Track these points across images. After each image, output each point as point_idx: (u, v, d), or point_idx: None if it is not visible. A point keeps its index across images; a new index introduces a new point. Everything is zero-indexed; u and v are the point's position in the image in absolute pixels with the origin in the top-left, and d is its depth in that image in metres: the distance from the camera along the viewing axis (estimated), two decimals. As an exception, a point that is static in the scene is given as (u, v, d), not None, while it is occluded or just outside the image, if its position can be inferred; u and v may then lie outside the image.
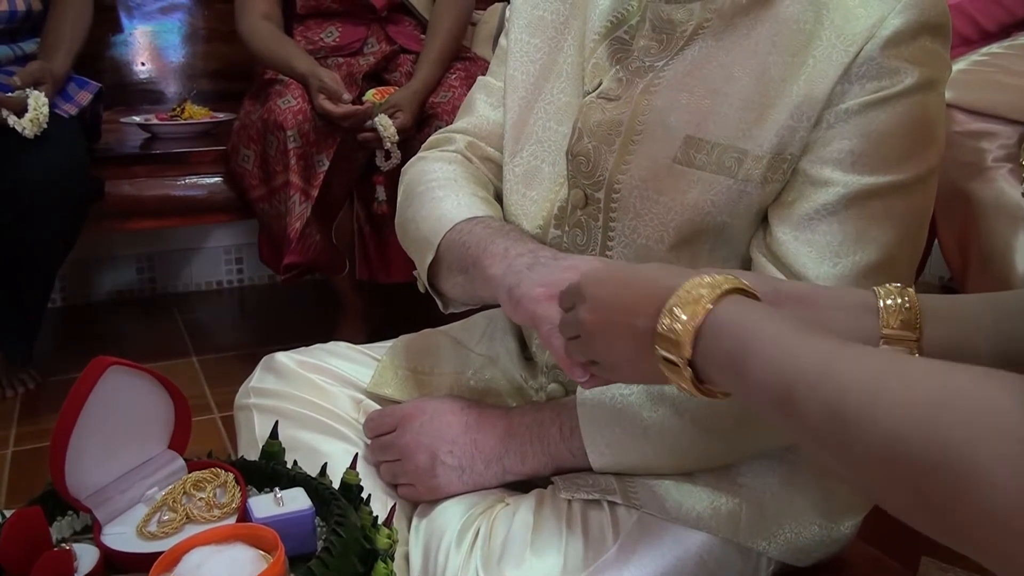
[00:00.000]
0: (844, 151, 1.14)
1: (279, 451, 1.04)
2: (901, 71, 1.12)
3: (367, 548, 0.88)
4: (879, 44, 1.11)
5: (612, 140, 1.24)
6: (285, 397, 1.36)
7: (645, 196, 1.21)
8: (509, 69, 1.40)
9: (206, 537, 0.85)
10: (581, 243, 1.28)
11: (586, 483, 1.20)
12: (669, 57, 1.23)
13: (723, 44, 1.21)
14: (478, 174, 1.43)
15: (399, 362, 1.44)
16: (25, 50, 2.47)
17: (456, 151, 1.45)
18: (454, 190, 1.35)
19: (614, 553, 1.15)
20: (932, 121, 1.18)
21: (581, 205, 1.27)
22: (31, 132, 2.12)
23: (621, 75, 1.26)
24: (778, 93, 1.16)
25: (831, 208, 1.15)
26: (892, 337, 0.97)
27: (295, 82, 2.49)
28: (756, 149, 1.16)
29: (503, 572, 1.12)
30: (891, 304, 0.98)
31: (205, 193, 2.68)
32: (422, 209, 1.36)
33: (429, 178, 1.39)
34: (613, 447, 1.20)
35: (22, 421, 2.34)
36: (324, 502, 0.93)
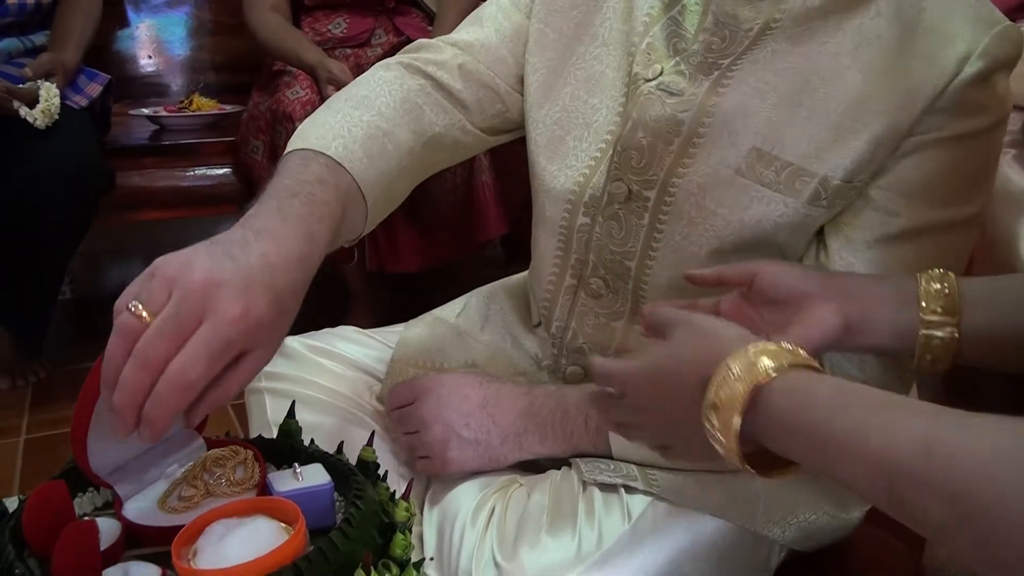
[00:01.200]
0: (916, 184, 1.11)
1: (296, 430, 1.06)
2: (982, 111, 1.09)
3: (385, 521, 0.89)
4: (967, 80, 1.07)
5: (671, 139, 1.18)
6: (296, 381, 1.37)
7: (702, 205, 1.17)
8: (538, 23, 1.32)
9: (228, 510, 0.86)
10: (618, 236, 1.25)
11: (608, 467, 1.21)
12: (736, 56, 1.17)
13: (799, 49, 1.14)
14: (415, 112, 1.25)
15: (410, 358, 1.44)
16: (35, 42, 2.48)
17: (430, 76, 1.30)
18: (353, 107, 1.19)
19: (628, 535, 1.15)
20: (996, 156, 1.16)
21: (622, 200, 1.23)
22: (43, 123, 2.13)
23: (684, 68, 1.19)
24: (860, 117, 1.11)
25: (892, 238, 1.13)
26: (933, 323, 0.98)
27: (304, 73, 2.50)
28: (829, 174, 1.12)
29: (519, 552, 1.12)
30: (932, 289, 0.99)
31: (214, 184, 2.69)
32: (328, 106, 1.21)
33: (344, 92, 1.25)
34: (640, 452, 1.21)
35: (33, 410, 2.36)
36: (342, 477, 0.94)
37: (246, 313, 0.86)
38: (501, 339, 1.45)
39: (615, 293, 1.28)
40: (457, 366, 1.42)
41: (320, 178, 1.05)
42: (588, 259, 1.29)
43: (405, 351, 1.45)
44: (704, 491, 1.19)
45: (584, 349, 1.33)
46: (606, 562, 1.13)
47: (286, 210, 0.98)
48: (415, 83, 1.28)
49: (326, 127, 1.14)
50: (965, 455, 0.62)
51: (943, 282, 1.00)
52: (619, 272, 1.26)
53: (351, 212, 1.10)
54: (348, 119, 1.16)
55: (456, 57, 1.31)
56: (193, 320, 0.84)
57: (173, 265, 0.87)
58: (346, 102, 1.21)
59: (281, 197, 1.00)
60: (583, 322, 1.33)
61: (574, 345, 1.34)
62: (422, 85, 1.28)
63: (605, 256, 1.27)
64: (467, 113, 1.32)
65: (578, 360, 1.35)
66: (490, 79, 1.33)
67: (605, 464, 1.21)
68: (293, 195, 1.00)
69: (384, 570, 0.82)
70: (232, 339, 0.86)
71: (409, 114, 1.24)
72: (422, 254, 2.62)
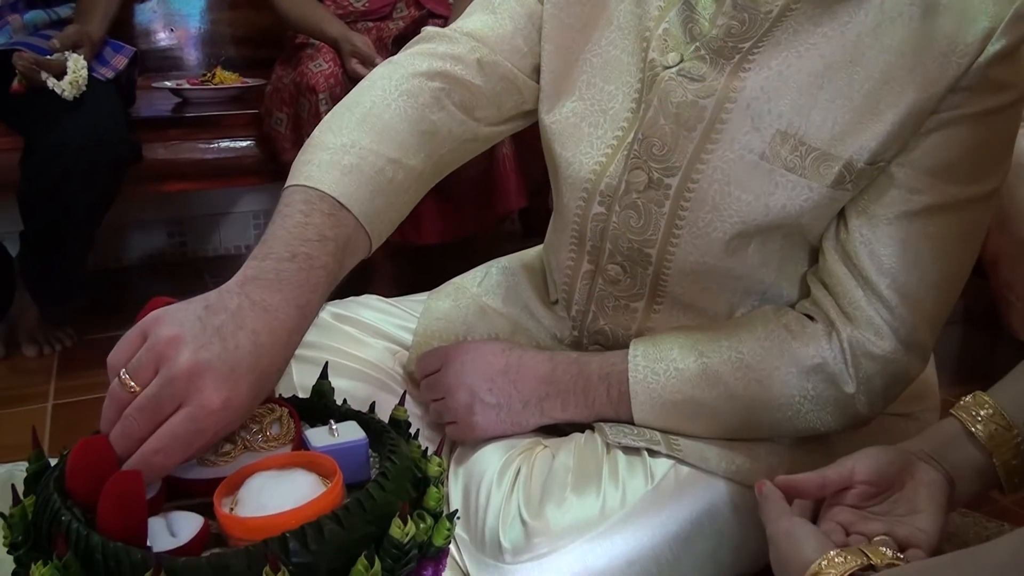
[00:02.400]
0: (940, 161, 1.12)
1: (329, 390, 1.08)
2: (1005, 88, 1.10)
3: (419, 476, 0.92)
4: (990, 59, 1.08)
5: (693, 125, 1.18)
6: (321, 348, 1.39)
7: (726, 191, 1.18)
8: (553, 8, 1.29)
9: (267, 463, 0.89)
10: (637, 225, 1.24)
11: (632, 432, 1.23)
12: (756, 39, 1.16)
13: (820, 30, 1.14)
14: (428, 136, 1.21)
15: (433, 332, 1.45)
16: (60, 15, 2.49)
17: (448, 74, 1.26)
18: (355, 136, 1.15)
19: (650, 495, 1.18)
20: (1016, 130, 1.17)
21: (641, 188, 1.23)
22: (70, 94, 2.15)
23: (704, 53, 1.18)
24: (884, 97, 1.11)
25: (914, 214, 1.14)
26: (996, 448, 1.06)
27: (326, 46, 2.52)
28: (855, 157, 1.13)
29: (544, 510, 1.15)
30: (983, 432, 1.06)
31: (237, 157, 2.71)
32: (321, 126, 1.20)
33: (357, 100, 1.22)
34: (663, 423, 1.24)
35: (60, 376, 2.39)
36: (376, 434, 0.96)
37: (226, 404, 0.88)
38: (520, 313, 1.46)
39: (633, 279, 1.30)
40: (480, 339, 1.43)
41: (321, 234, 1.04)
42: (604, 247, 1.29)
43: (429, 325, 1.47)
44: (725, 456, 1.22)
45: (605, 331, 1.35)
46: (629, 521, 1.16)
47: (283, 276, 0.97)
48: (429, 94, 1.23)
49: (332, 157, 1.11)
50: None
51: (983, 409, 1.06)
52: (638, 259, 1.27)
53: (351, 257, 1.10)
54: (357, 147, 1.13)
55: (474, 51, 1.28)
56: (172, 404, 0.87)
57: (163, 339, 0.88)
58: (357, 121, 1.17)
59: (280, 257, 0.99)
60: (603, 305, 1.34)
61: (595, 327, 1.36)
62: (436, 95, 1.23)
63: (622, 244, 1.27)
64: (483, 112, 1.29)
65: (598, 339, 1.37)
66: (508, 71, 1.30)
67: (629, 428, 1.24)
68: (292, 256, 1.00)
69: (419, 520, 0.85)
70: (206, 429, 0.88)
71: (422, 137, 1.20)
72: (443, 227, 2.64)
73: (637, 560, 1.16)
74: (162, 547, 0.80)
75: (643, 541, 1.16)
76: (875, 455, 1.05)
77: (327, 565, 0.78)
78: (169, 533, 0.83)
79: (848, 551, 0.92)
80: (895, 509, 1.04)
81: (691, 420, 1.23)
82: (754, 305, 1.28)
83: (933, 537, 1.01)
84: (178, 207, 3.42)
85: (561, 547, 1.14)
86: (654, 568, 1.17)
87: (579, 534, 1.15)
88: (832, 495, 1.06)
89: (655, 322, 1.32)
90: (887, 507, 1.04)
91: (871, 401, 1.20)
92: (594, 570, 1.14)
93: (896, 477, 1.04)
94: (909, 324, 1.16)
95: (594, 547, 1.15)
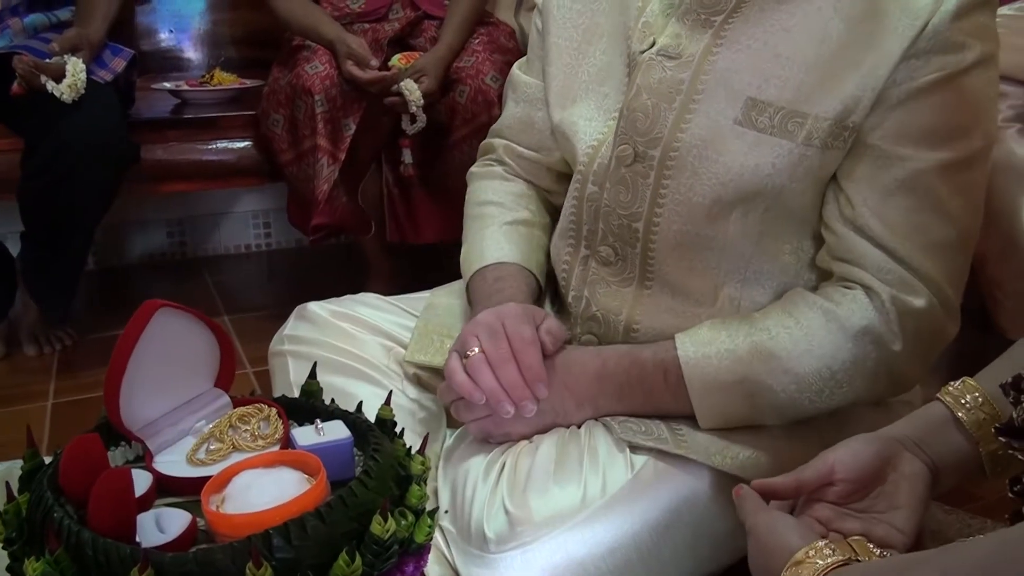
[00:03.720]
0: (918, 128, 1.18)
1: (317, 390, 1.10)
2: (966, 46, 1.16)
3: (402, 473, 0.94)
4: (945, 19, 1.14)
5: (672, 98, 1.27)
6: (318, 344, 1.42)
7: (704, 156, 1.25)
8: (552, 36, 1.44)
9: (254, 462, 0.91)
10: (625, 200, 1.31)
11: (640, 430, 1.25)
12: (727, 13, 1.26)
13: (785, 6, 1.23)
14: (515, 188, 1.55)
15: (433, 327, 1.48)
16: (60, 18, 2.51)
17: (497, 159, 1.59)
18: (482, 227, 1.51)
19: (630, 485, 1.21)
20: (992, 94, 1.22)
21: (628, 162, 1.30)
22: (69, 97, 2.17)
23: (679, 30, 1.28)
24: (841, 60, 1.19)
25: (909, 183, 1.19)
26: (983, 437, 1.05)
27: (323, 48, 2.53)
28: (819, 113, 1.19)
29: (528, 500, 1.18)
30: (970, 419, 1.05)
31: (235, 157, 2.72)
32: (470, 237, 1.52)
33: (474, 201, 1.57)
34: (722, 407, 1.26)
35: (60, 376, 2.41)
36: (361, 433, 0.98)
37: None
38: None
39: (623, 260, 1.34)
40: None
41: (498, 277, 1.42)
42: (597, 228, 1.35)
43: (430, 318, 1.50)
44: (729, 451, 1.25)
45: (598, 317, 1.38)
46: (610, 508, 1.19)
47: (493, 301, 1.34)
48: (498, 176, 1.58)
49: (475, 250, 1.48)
50: None
51: (969, 394, 1.06)
52: (627, 237, 1.32)
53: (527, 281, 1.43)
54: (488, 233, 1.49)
55: (501, 145, 1.59)
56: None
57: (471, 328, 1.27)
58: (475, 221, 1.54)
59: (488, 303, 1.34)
60: (595, 290, 1.37)
61: (588, 313, 1.39)
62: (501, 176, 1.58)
63: (613, 222, 1.32)
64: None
65: (591, 328, 1.39)
66: (524, 152, 1.55)
67: (637, 425, 1.26)
68: (490, 296, 1.37)
69: (400, 517, 0.87)
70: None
71: (519, 199, 1.54)
72: (439, 226, 2.66)
73: (618, 548, 1.18)
74: (151, 543, 0.82)
75: (623, 529, 1.19)
76: (856, 450, 1.05)
77: (310, 561, 0.81)
78: (158, 529, 0.85)
79: (836, 543, 0.93)
80: (875, 505, 1.04)
81: (749, 400, 1.25)
82: (737, 287, 1.31)
83: (910, 537, 1.02)
84: (177, 207, 3.44)
85: (543, 535, 1.16)
86: (634, 555, 1.19)
87: (561, 522, 1.17)
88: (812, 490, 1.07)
89: (645, 306, 1.35)
90: (867, 503, 1.05)
91: (917, 360, 1.26)
92: (576, 557, 1.17)
93: (878, 471, 1.04)
94: (936, 282, 1.22)
95: (575, 535, 1.17)
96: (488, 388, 1.22)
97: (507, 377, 1.22)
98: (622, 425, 1.26)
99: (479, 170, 1.61)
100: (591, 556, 1.17)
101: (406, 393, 1.40)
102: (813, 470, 1.06)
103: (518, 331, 1.25)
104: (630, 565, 1.19)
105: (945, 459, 1.06)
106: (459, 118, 2.51)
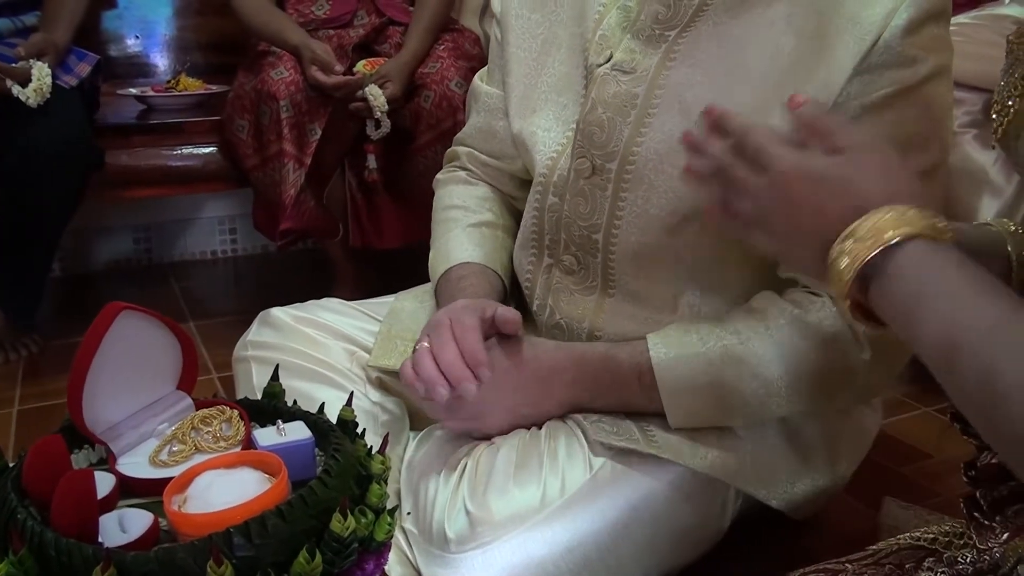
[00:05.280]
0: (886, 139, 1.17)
1: (280, 392, 1.11)
2: (918, 60, 1.17)
3: (362, 473, 0.95)
4: (896, 33, 1.15)
5: (627, 112, 1.28)
6: (281, 349, 1.43)
7: (660, 170, 1.26)
8: (511, 47, 1.44)
9: (215, 463, 0.92)
10: (584, 211, 1.32)
11: (612, 430, 1.27)
12: (681, 27, 1.26)
13: (738, 21, 1.24)
14: (478, 192, 1.56)
15: (396, 332, 1.49)
16: (26, 23, 2.51)
17: (461, 166, 1.60)
18: (447, 230, 1.52)
19: (589, 484, 1.22)
20: (948, 104, 1.23)
21: (586, 175, 1.31)
22: (35, 101, 2.17)
23: (633, 45, 1.29)
24: (793, 76, 1.20)
25: None
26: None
27: (287, 54, 2.53)
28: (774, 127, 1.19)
29: (488, 501, 1.19)
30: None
31: (201, 163, 2.72)
32: (436, 241, 1.54)
33: (439, 207, 1.58)
34: (694, 409, 1.27)
35: (26, 382, 2.41)
36: (323, 434, 0.99)
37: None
38: None
39: (586, 268, 1.35)
40: None
41: (461, 276, 1.43)
42: (560, 237, 1.36)
43: (394, 323, 1.51)
44: (698, 449, 1.27)
45: (562, 325, 1.39)
46: (568, 509, 1.20)
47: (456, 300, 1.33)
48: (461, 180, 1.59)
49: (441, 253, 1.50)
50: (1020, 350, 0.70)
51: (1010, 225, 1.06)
52: (588, 247, 1.33)
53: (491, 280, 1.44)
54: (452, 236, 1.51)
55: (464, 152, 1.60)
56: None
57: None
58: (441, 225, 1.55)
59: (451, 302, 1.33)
60: (559, 298, 1.39)
61: (552, 322, 1.40)
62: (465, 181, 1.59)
63: (574, 232, 1.34)
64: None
65: (556, 336, 1.40)
66: (486, 159, 1.56)
67: (610, 425, 1.28)
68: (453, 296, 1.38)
69: (360, 516, 0.88)
70: None
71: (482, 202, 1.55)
72: (403, 231, 2.67)
73: (577, 547, 1.20)
74: (113, 543, 0.83)
75: (582, 528, 1.20)
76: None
77: (270, 558, 0.81)
78: (120, 530, 0.86)
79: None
80: None
81: (719, 403, 1.26)
82: (696, 295, 1.32)
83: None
84: (144, 213, 3.44)
85: (503, 535, 1.18)
86: (594, 554, 1.21)
87: (521, 522, 1.19)
88: None
89: (608, 314, 1.36)
90: None
91: (883, 368, 1.27)
92: (535, 557, 1.18)
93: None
94: None
95: (535, 535, 1.19)
96: (426, 375, 1.20)
97: (445, 360, 1.21)
98: (595, 426, 1.27)
99: (444, 176, 1.62)
100: (551, 555, 1.19)
101: (368, 396, 1.41)
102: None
103: (459, 319, 1.24)
104: (589, 563, 1.21)
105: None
106: (423, 124, 2.52)
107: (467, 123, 1.61)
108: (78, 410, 0.96)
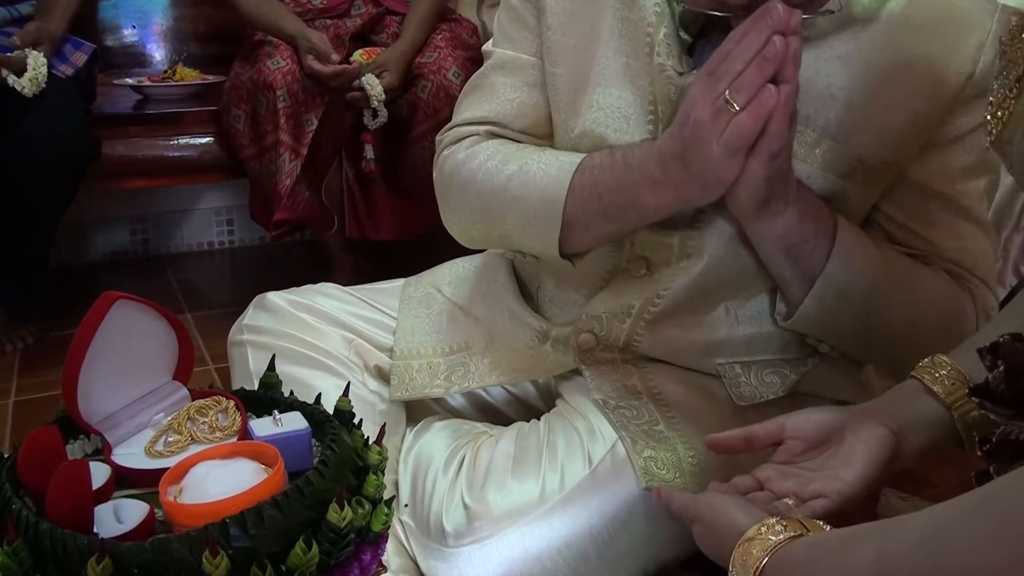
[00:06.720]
0: (967, 165, 1.23)
1: (276, 382, 1.10)
2: None
3: (359, 464, 0.95)
4: (986, 69, 1.16)
5: None
6: (277, 334, 1.41)
7: None
8: (554, 33, 1.32)
9: (211, 453, 0.91)
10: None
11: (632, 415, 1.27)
12: None
13: (839, 34, 1.20)
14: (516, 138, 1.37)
15: (411, 352, 1.45)
16: (21, 12, 2.50)
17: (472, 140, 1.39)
18: (523, 159, 1.30)
19: (588, 479, 1.21)
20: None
21: None
22: (30, 91, 2.16)
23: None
24: (887, 99, 1.19)
25: (953, 210, 1.25)
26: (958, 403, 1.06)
27: (284, 43, 2.53)
28: (864, 154, 1.20)
29: (486, 495, 1.19)
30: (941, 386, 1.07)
31: (197, 153, 2.72)
32: (511, 188, 1.29)
33: (486, 160, 1.34)
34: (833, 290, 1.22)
35: (22, 373, 2.41)
36: (319, 424, 0.99)
37: None
38: (499, 315, 1.46)
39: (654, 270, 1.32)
40: (457, 348, 1.44)
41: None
42: None
43: (405, 346, 1.47)
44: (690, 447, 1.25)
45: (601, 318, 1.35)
46: (567, 504, 1.20)
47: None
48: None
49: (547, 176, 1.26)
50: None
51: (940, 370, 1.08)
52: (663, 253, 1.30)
53: None
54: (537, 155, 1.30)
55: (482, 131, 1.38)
56: None
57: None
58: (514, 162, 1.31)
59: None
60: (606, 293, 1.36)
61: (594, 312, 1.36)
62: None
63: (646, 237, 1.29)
64: None
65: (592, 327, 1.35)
66: (518, 136, 1.38)
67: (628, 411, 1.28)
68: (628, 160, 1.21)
69: (357, 506, 0.88)
70: None
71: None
72: (400, 222, 2.67)
73: (575, 542, 1.19)
74: (108, 533, 0.82)
75: (580, 523, 1.20)
76: (811, 413, 1.08)
77: (267, 549, 0.81)
78: (116, 520, 0.85)
79: (787, 520, 0.92)
80: (828, 464, 1.05)
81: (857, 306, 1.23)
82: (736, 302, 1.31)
83: (851, 487, 1.03)
84: (140, 204, 3.43)
85: (501, 530, 1.18)
86: (591, 549, 1.20)
87: (519, 517, 1.18)
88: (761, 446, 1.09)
89: None
90: (820, 462, 1.06)
91: None
92: (533, 552, 1.18)
93: (832, 432, 1.06)
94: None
95: (533, 529, 1.18)
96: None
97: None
98: (616, 412, 1.26)
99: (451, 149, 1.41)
100: (548, 550, 1.19)
101: (367, 385, 1.40)
102: (765, 426, 1.09)
103: None
104: (587, 558, 1.20)
105: (913, 423, 1.07)
106: (421, 114, 2.52)
107: (489, 100, 1.40)
108: (73, 400, 0.95)
